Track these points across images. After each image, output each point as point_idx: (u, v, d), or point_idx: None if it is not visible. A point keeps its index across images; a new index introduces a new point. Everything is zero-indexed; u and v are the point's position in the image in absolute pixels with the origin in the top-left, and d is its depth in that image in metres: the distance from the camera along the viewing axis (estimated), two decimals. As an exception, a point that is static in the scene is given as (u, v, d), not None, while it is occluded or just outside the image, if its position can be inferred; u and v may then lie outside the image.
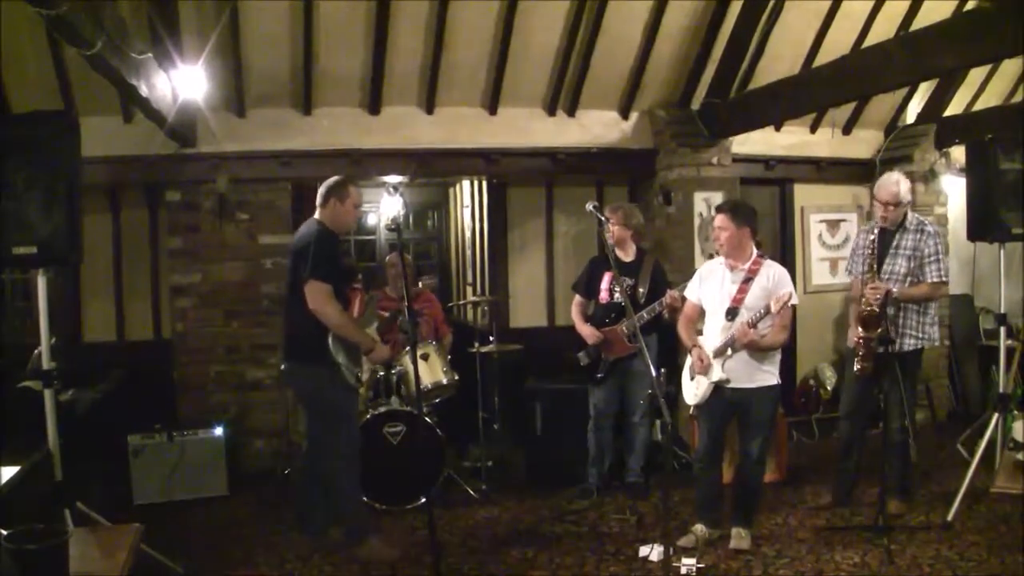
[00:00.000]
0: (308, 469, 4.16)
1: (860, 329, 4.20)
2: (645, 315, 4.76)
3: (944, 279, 4.37)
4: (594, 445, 5.01)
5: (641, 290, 4.89)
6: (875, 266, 4.24)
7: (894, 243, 4.33)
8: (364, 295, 4.90)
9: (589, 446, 5.02)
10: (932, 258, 4.30)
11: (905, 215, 4.36)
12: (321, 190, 4.08)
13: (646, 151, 6.16)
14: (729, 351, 3.92)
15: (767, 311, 3.82)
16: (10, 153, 3.28)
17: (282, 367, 4.53)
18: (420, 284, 5.55)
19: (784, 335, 3.94)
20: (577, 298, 5.15)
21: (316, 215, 4.08)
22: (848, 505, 4.58)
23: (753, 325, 3.84)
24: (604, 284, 5.00)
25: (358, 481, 4.04)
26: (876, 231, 4.39)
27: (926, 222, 4.44)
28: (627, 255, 5.02)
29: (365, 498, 4.40)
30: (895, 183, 4.31)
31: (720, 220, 4.01)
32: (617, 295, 4.92)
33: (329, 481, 4.02)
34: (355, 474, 4.01)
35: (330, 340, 3.88)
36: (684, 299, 4.33)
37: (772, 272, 3.97)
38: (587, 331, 4.98)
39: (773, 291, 3.87)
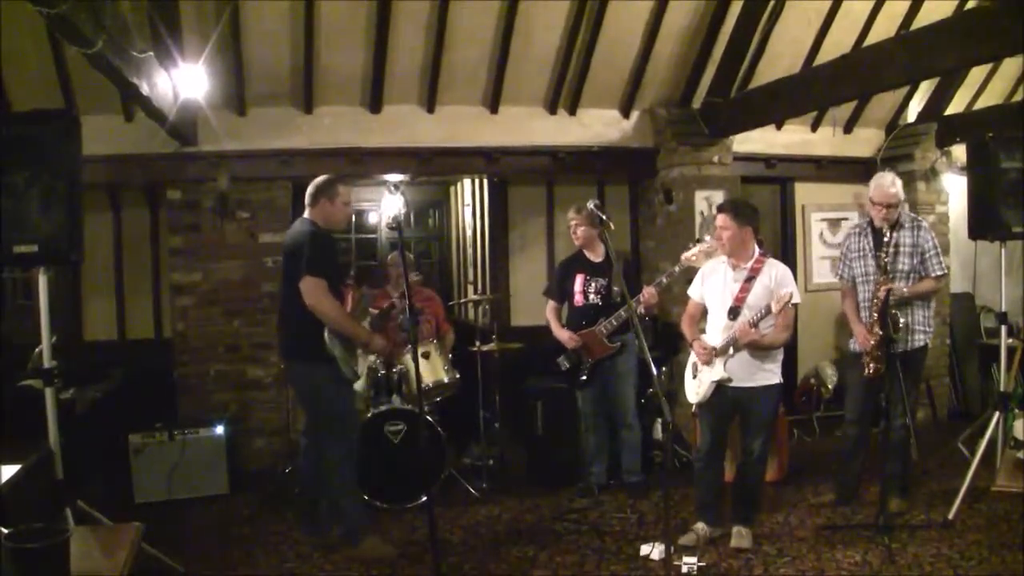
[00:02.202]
0: (308, 468, 4.15)
1: (880, 330, 4.14)
2: (623, 314, 4.71)
3: (945, 271, 4.42)
4: (588, 446, 5.01)
5: (616, 289, 4.82)
6: (887, 266, 4.21)
7: (894, 241, 4.32)
8: (356, 291, 4.90)
9: (585, 447, 5.03)
10: (932, 252, 4.33)
11: (899, 213, 4.36)
12: (310, 189, 4.07)
13: (647, 150, 6.17)
14: (731, 350, 3.92)
15: (768, 311, 3.81)
16: (11, 152, 3.27)
17: (282, 366, 4.56)
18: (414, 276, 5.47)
19: (786, 334, 3.94)
20: (550, 303, 5.12)
21: (306, 214, 4.07)
22: (850, 504, 4.58)
23: (754, 324, 3.84)
24: (578, 287, 4.96)
25: (355, 478, 4.05)
26: (870, 232, 4.39)
27: (918, 217, 4.46)
28: (596, 255, 4.99)
29: (366, 496, 4.43)
30: (892, 183, 4.30)
31: (722, 219, 4.01)
32: (592, 297, 4.91)
33: (327, 479, 4.02)
34: (352, 471, 4.02)
35: (326, 335, 3.87)
36: (658, 295, 4.41)
37: (774, 271, 3.97)
38: (564, 335, 4.94)
39: (775, 290, 3.87)
